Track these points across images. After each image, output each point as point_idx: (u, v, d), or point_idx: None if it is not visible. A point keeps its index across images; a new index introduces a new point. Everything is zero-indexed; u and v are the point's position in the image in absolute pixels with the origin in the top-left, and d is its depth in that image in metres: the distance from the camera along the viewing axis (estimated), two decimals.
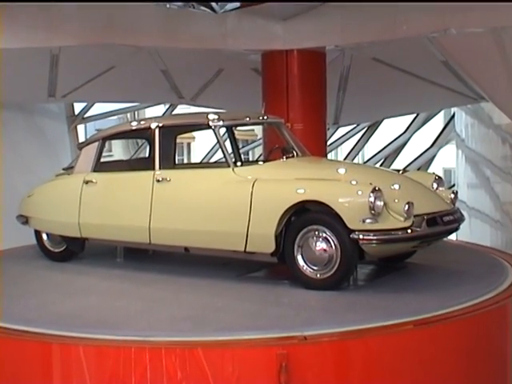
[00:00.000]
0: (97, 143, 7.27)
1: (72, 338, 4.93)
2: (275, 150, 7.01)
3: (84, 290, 6.27)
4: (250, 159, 19.90)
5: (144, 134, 7.16)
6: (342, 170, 6.43)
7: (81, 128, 18.86)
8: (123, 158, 19.82)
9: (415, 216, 5.67)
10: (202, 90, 13.01)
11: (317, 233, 5.75)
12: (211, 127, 6.49)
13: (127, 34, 9.33)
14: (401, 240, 5.67)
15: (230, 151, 7.11)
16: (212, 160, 17.35)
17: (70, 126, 16.78)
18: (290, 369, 4.55)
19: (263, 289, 6.02)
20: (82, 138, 17.53)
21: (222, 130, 6.90)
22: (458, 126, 17.08)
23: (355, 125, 17.32)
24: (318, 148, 9.60)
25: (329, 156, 13.38)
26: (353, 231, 5.55)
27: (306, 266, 5.82)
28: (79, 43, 9.29)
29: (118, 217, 6.86)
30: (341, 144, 18.77)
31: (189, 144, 33.71)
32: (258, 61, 10.17)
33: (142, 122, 7.25)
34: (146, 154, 8.07)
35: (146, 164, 6.97)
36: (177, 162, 8.14)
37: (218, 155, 15.92)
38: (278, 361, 4.54)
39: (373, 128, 17.38)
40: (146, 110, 19.98)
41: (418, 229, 5.66)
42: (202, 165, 10.08)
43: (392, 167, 15.29)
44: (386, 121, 16.75)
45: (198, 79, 12.66)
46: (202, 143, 27.62)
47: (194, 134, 24.82)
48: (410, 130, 17.49)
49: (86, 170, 7.23)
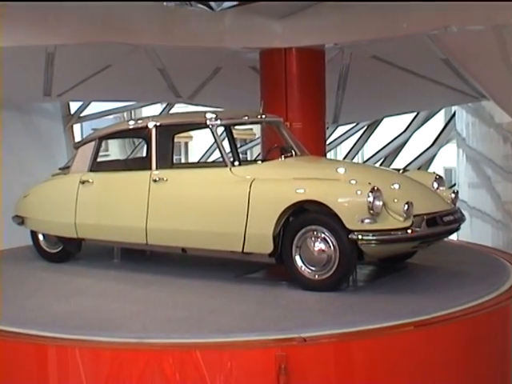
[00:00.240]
0: (93, 143, 7.26)
1: (68, 340, 4.94)
2: (274, 150, 7.00)
3: (80, 292, 6.27)
4: (249, 159, 19.90)
5: (141, 133, 7.15)
6: (340, 170, 6.43)
7: (77, 127, 18.86)
8: (120, 157, 19.78)
9: (415, 216, 5.66)
10: (200, 88, 12.99)
11: (315, 233, 5.74)
12: (208, 126, 6.49)
13: (124, 32, 9.32)
14: (400, 240, 5.67)
15: (227, 150, 7.11)
16: (210, 159, 17.38)
17: (66, 125, 16.77)
18: (289, 371, 4.55)
19: (261, 290, 6.02)
20: (77, 138, 17.52)
21: (220, 129, 6.91)
22: (458, 125, 17.08)
23: (354, 124, 17.33)
24: (317, 147, 9.60)
25: (328, 155, 13.39)
26: (351, 231, 5.54)
27: (304, 267, 5.82)
28: (75, 42, 9.27)
29: (115, 217, 6.87)
30: (340, 143, 18.78)
31: (186, 143, 33.69)
32: (256, 59, 10.16)
33: (139, 121, 7.25)
34: (144, 154, 8.07)
35: (143, 164, 6.99)
36: (174, 161, 8.15)
37: (216, 155, 15.94)
38: (277, 363, 4.54)
39: (372, 127, 17.39)
40: (143, 109, 19.99)
41: (418, 229, 5.66)
42: (200, 164, 10.08)
43: (392, 167, 15.27)
44: (386, 120, 16.77)
45: (195, 78, 12.65)
46: (199, 143, 27.62)
47: (192, 133, 24.82)
48: (410, 129, 17.50)
49: (82, 170, 7.23)
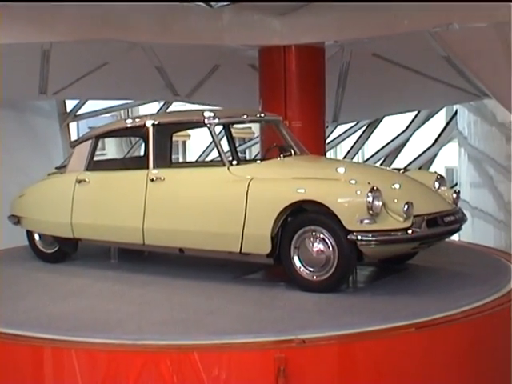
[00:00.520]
0: (90, 141, 7.26)
1: (64, 341, 4.94)
2: (273, 149, 7.00)
3: (76, 292, 6.28)
4: (248, 158, 19.91)
5: (139, 131, 7.15)
6: (340, 169, 6.44)
7: (73, 126, 18.90)
8: (116, 156, 19.80)
9: (415, 216, 5.66)
10: (198, 86, 13.00)
11: (314, 233, 5.74)
12: (206, 125, 6.49)
13: (121, 30, 9.31)
14: (400, 241, 5.67)
15: (226, 150, 7.12)
16: (208, 159, 17.38)
17: (62, 123, 16.78)
18: (288, 373, 4.56)
19: (259, 291, 6.02)
20: (74, 136, 17.56)
21: (218, 128, 6.91)
22: (460, 124, 17.11)
23: (355, 122, 17.35)
24: (317, 146, 9.60)
25: (328, 155, 13.39)
26: (350, 232, 5.55)
27: (302, 268, 5.82)
28: (71, 39, 9.27)
29: (111, 217, 6.87)
30: (340, 142, 18.82)
31: (184, 142, 33.70)
32: (255, 57, 10.15)
33: (136, 120, 7.26)
34: (141, 153, 8.07)
35: (140, 163, 6.99)
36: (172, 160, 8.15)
37: (214, 154, 15.95)
38: (276, 365, 4.54)
39: (373, 126, 17.41)
40: (140, 107, 20.01)
41: (418, 229, 5.66)
42: (197, 164, 10.07)
43: (393, 166, 15.31)
44: (387, 118, 16.79)
45: (193, 76, 12.65)
46: (197, 141, 27.62)
47: (190, 132, 24.81)
48: (411, 128, 17.53)
49: (78, 169, 7.23)
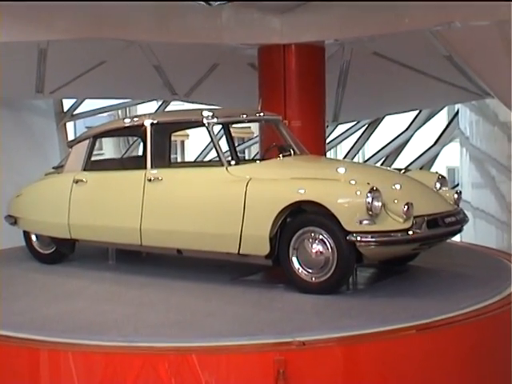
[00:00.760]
0: (87, 141, 7.27)
1: (61, 343, 4.94)
2: (272, 149, 7.01)
3: (73, 294, 6.29)
4: (247, 158, 19.95)
5: (137, 131, 7.13)
6: (339, 170, 6.45)
7: (70, 125, 18.91)
8: (114, 156, 19.81)
9: (415, 217, 5.66)
10: (196, 85, 13.00)
11: (313, 234, 5.75)
12: (204, 124, 6.50)
13: (118, 28, 9.32)
14: (400, 242, 5.67)
15: (225, 149, 7.13)
16: (207, 159, 17.41)
17: (59, 123, 16.79)
18: (288, 375, 4.56)
19: (257, 293, 6.02)
20: (71, 136, 17.56)
21: (217, 128, 6.92)
22: (462, 124, 17.13)
23: (355, 122, 17.37)
24: (317, 146, 9.62)
25: (328, 154, 13.41)
26: (350, 233, 5.55)
27: (301, 269, 5.82)
28: (68, 37, 9.27)
29: (109, 217, 6.88)
30: (340, 142, 18.85)
31: (182, 142, 33.73)
32: (254, 55, 10.16)
33: (135, 119, 7.27)
34: (139, 153, 8.07)
35: (138, 163, 7.00)
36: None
37: (214, 154, 15.96)
38: (276, 367, 4.55)
39: (373, 125, 17.43)
40: (138, 106, 20.03)
41: (418, 230, 5.66)
42: (195, 164, 10.09)
43: (393, 166, 15.33)
44: (388, 118, 16.81)
45: (191, 75, 12.66)
46: (196, 141, 27.64)
47: (188, 131, 24.84)
48: (412, 128, 17.55)
49: (76, 169, 7.25)
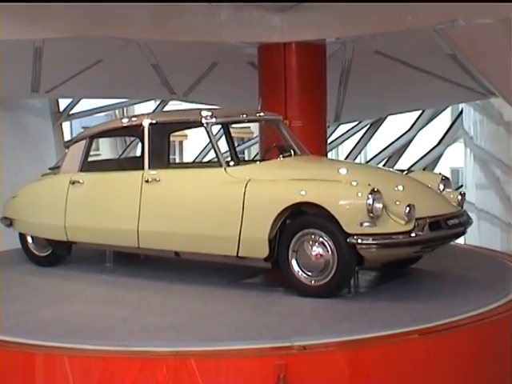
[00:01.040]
0: (84, 141, 7.29)
1: (57, 348, 4.96)
2: (272, 149, 7.03)
3: (69, 297, 6.31)
4: (247, 158, 19.96)
5: (135, 131, 7.14)
6: (340, 170, 6.46)
7: (66, 125, 18.90)
8: (111, 157, 19.81)
9: (417, 219, 5.68)
10: (195, 85, 13.01)
11: (313, 237, 5.77)
12: (203, 124, 6.51)
13: (115, 26, 9.32)
14: (401, 245, 5.69)
15: (224, 150, 7.14)
16: (206, 159, 17.41)
17: (55, 123, 16.80)
18: (289, 380, 4.57)
19: (255, 296, 6.05)
20: (67, 136, 17.57)
21: (216, 128, 6.93)
22: (466, 123, 17.12)
23: (357, 122, 17.37)
24: (318, 147, 9.63)
25: (329, 155, 13.42)
26: (350, 235, 5.57)
27: (300, 272, 5.84)
28: (64, 35, 9.27)
29: (106, 219, 6.91)
30: (342, 142, 18.83)
31: (181, 142, 33.72)
32: (254, 54, 10.16)
33: (133, 119, 7.28)
34: (137, 153, 8.08)
35: (136, 163, 7.02)
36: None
37: (213, 154, 15.96)
38: (276, 372, 4.57)
39: (376, 125, 17.43)
40: (136, 106, 20.01)
41: (420, 233, 5.68)
42: (194, 164, 10.10)
43: (396, 167, 15.33)
44: (390, 118, 16.80)
45: (190, 74, 12.67)
46: (194, 141, 27.64)
47: (187, 131, 24.84)
48: (415, 128, 17.54)
49: (72, 170, 7.27)
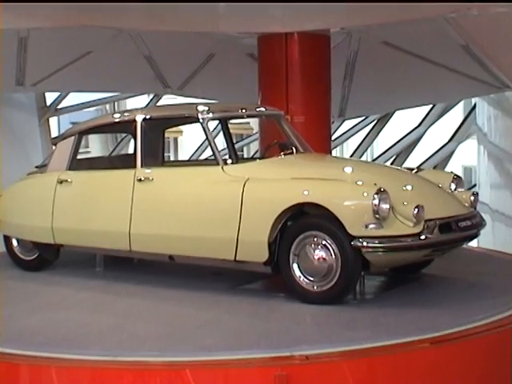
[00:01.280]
0: (73, 138, 7.28)
1: (43, 358, 4.94)
2: (273, 146, 7.03)
3: (55, 303, 6.30)
4: (245, 156, 19.97)
5: (127, 127, 7.12)
6: (345, 169, 6.44)
7: (53, 121, 18.94)
8: (101, 154, 19.84)
9: (427, 221, 5.66)
10: (191, 78, 13.03)
11: (315, 239, 5.75)
12: (199, 120, 6.50)
13: (106, 15, 9.30)
14: (409, 248, 5.67)
15: (222, 147, 7.13)
16: (202, 157, 17.44)
17: (41, 118, 16.82)
18: None
19: (254, 303, 6.04)
20: (54, 133, 17.59)
21: (213, 124, 6.92)
22: (479, 119, 17.13)
23: (363, 118, 17.38)
24: (321, 144, 9.62)
25: (333, 153, 13.42)
26: (355, 238, 5.55)
27: (302, 277, 5.82)
28: (51, 25, 9.28)
29: (96, 221, 6.90)
30: (347, 139, 18.85)
31: (176, 139, 33.74)
32: (253, 45, 10.17)
33: (125, 114, 7.28)
34: (129, 151, 8.07)
35: (128, 161, 7.00)
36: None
37: (209, 152, 15.98)
38: (277, 383, 4.56)
39: (383, 121, 17.46)
40: (127, 100, 20.07)
41: (430, 235, 5.66)
42: (189, 163, 10.11)
43: (404, 165, 15.34)
44: (398, 113, 16.81)
45: (185, 66, 12.68)
46: (190, 138, 27.66)
47: (182, 127, 24.86)
48: (425, 124, 17.56)
49: (60, 168, 7.25)
